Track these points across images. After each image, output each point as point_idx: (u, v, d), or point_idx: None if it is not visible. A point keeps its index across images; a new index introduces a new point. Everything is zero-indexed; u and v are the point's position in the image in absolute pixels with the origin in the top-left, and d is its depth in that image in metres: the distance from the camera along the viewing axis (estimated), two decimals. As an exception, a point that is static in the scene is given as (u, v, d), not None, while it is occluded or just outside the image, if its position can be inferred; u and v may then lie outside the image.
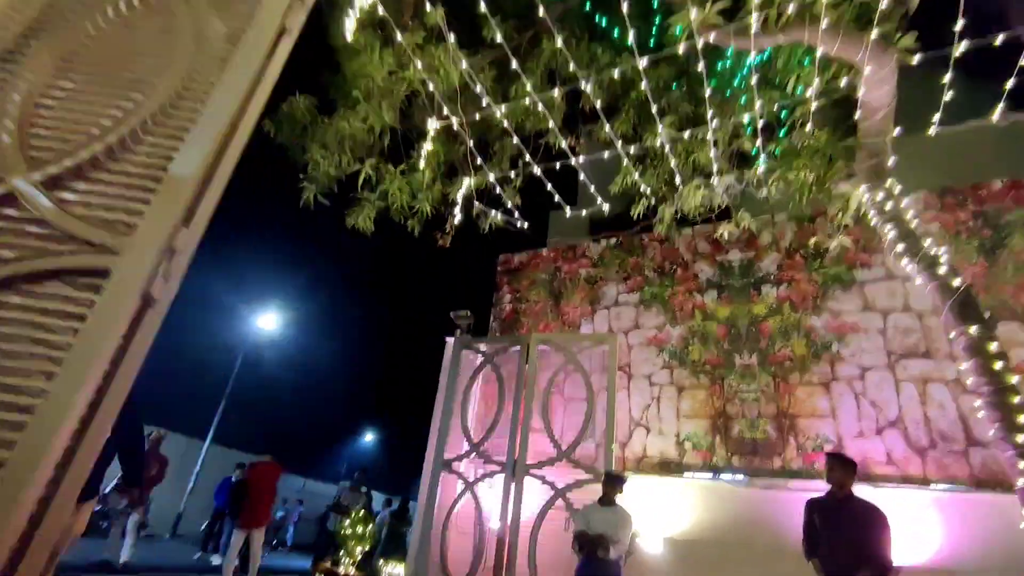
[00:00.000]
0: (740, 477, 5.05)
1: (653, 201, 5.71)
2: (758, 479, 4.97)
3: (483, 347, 6.51)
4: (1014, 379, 3.46)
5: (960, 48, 3.79)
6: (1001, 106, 4.33)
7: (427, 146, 4.77)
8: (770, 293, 5.67)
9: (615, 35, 5.68)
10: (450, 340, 6.95)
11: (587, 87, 4.48)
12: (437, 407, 6.74)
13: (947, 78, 3.90)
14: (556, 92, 4.81)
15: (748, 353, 5.50)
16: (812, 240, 5.63)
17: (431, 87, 4.46)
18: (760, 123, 4.70)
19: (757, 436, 5.15)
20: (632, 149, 5.19)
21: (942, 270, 3.78)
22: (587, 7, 5.75)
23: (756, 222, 5.71)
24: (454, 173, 6.23)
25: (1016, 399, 3.42)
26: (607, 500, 4.55)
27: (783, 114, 5.30)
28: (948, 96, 4.13)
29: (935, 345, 4.85)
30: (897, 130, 4.21)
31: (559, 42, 4.51)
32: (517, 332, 6.88)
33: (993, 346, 3.52)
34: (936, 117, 4.25)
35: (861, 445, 4.74)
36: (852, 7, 4.02)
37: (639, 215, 5.78)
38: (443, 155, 5.95)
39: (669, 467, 5.42)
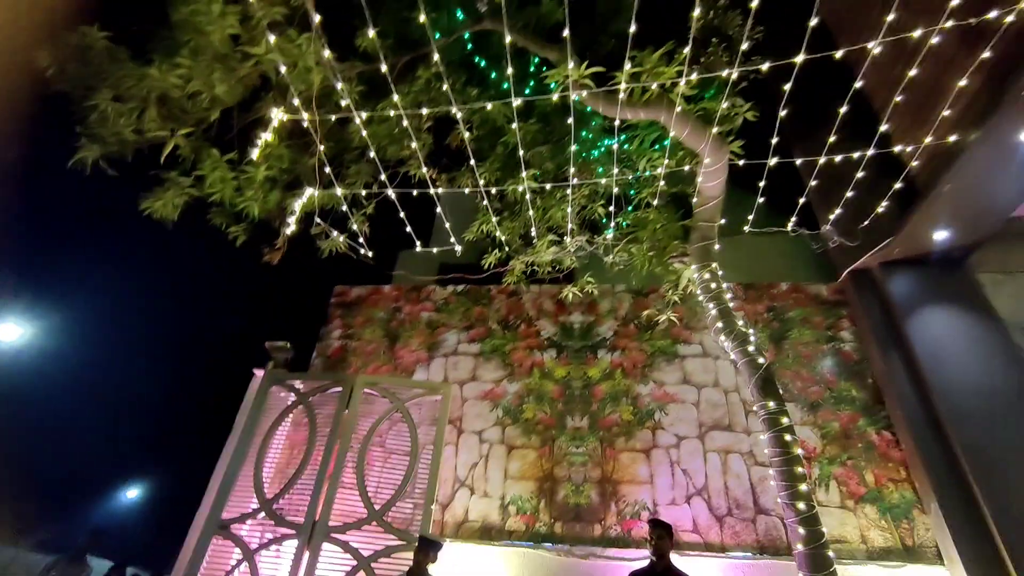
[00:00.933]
0: (561, 545, 4.82)
1: (506, 252, 5.64)
2: (578, 547, 4.79)
3: (298, 385, 5.58)
4: (799, 451, 3.83)
5: (771, 161, 4.46)
6: (793, 220, 5.17)
7: (266, 135, 4.08)
8: (605, 358, 5.84)
9: (491, 77, 5.73)
10: (259, 373, 5.87)
11: (459, 117, 4.27)
12: (226, 453, 5.51)
13: (760, 197, 4.53)
14: (424, 111, 4.54)
15: (580, 415, 5.49)
16: (645, 312, 6.02)
17: (283, 72, 3.87)
18: (614, 190, 4.96)
19: (581, 501, 5.03)
20: (493, 191, 5.11)
21: (751, 348, 4.17)
22: (469, 47, 5.76)
23: (599, 288, 5.94)
24: (298, 185, 5.53)
25: (800, 469, 3.77)
26: (418, 570, 3.94)
27: (631, 191, 5.73)
28: (762, 200, 4.82)
29: (736, 419, 5.33)
30: (723, 220, 4.75)
31: (439, 68, 4.33)
32: (343, 372, 6.08)
33: (785, 420, 3.88)
34: (752, 217, 4.91)
35: (673, 512, 4.88)
36: (695, 109, 4.54)
37: (490, 265, 5.65)
38: (288, 160, 5.25)
39: (491, 533, 5.00)
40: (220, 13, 3.50)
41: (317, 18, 3.46)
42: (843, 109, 4.25)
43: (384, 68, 3.70)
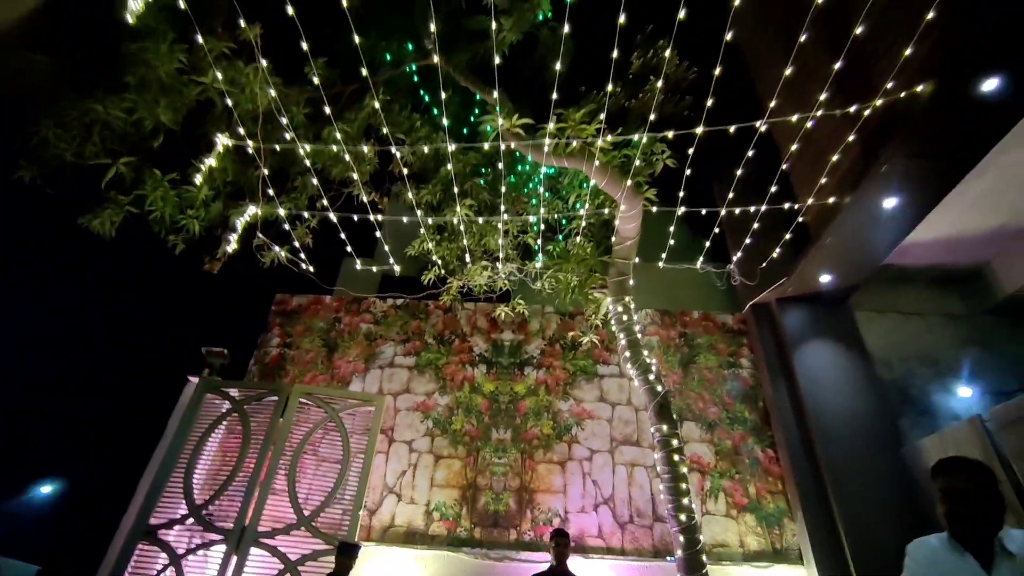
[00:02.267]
0: (479, 549, 5.24)
1: (443, 272, 5.99)
2: (494, 551, 5.23)
3: (233, 392, 5.73)
4: (684, 470, 4.41)
5: (679, 210, 5.03)
6: (701, 258, 5.79)
7: (209, 161, 4.25)
8: (531, 375, 6.30)
9: (435, 112, 6.04)
10: (193, 380, 5.96)
11: (397, 154, 4.58)
12: (155, 458, 5.59)
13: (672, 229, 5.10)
14: (366, 149, 4.82)
15: (504, 428, 5.93)
16: (570, 334, 6.53)
17: (229, 102, 4.06)
18: (542, 225, 5.41)
19: (500, 508, 5.47)
20: (432, 220, 5.45)
21: (651, 377, 4.72)
22: (415, 79, 6.04)
23: (529, 309, 6.39)
24: (241, 196, 5.66)
25: (684, 486, 4.35)
26: (339, 573, 4.26)
27: (563, 221, 6.20)
28: (673, 241, 5.41)
29: (644, 435, 5.91)
30: (637, 259, 5.29)
31: (383, 100, 4.63)
32: (279, 380, 6.26)
33: (675, 442, 4.45)
34: (667, 251, 5.49)
35: (581, 519, 5.39)
36: (618, 156, 5.04)
37: (429, 282, 5.98)
38: (231, 174, 5.38)
39: (414, 537, 5.35)
40: (168, 50, 3.66)
41: (264, 63, 3.68)
42: (750, 152, 4.81)
43: (327, 108, 3.96)
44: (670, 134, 4.38)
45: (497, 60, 3.69)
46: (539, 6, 5.18)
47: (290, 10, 3.06)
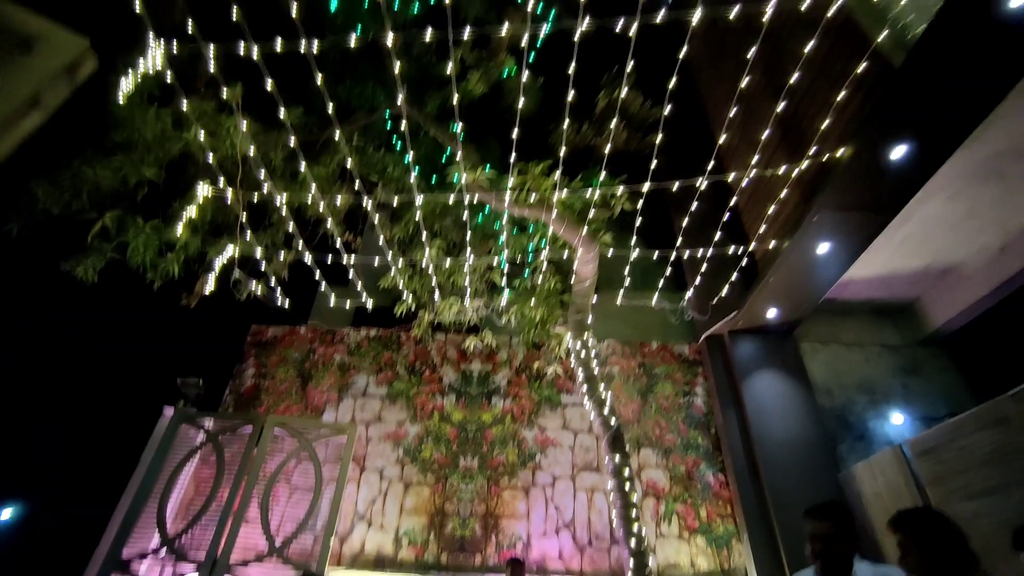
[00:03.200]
0: (446, 572, 5.50)
1: (415, 306, 6.29)
2: (460, 575, 5.48)
3: (208, 423, 5.92)
4: (635, 497, 4.76)
5: (633, 254, 5.45)
6: (656, 294, 6.21)
7: (191, 210, 4.53)
8: (498, 404, 6.61)
9: (406, 160, 6.39)
10: (168, 410, 6.12)
11: (368, 203, 4.90)
12: (130, 489, 5.72)
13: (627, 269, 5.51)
14: (339, 199, 5.13)
15: (471, 456, 6.22)
16: (536, 364, 6.87)
17: (211, 156, 4.36)
18: (506, 266, 5.77)
19: (466, 534, 5.73)
20: (401, 261, 5.78)
21: (606, 410, 5.08)
22: (388, 126, 6.39)
23: (497, 340, 6.72)
24: (219, 232, 5.90)
25: (634, 513, 4.70)
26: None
27: (529, 258, 6.57)
28: (629, 280, 5.82)
29: (603, 462, 6.25)
30: (595, 298, 5.68)
31: (357, 144, 4.96)
32: (255, 410, 6.45)
33: (626, 472, 4.80)
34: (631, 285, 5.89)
35: (543, 543, 5.69)
36: (578, 200, 5.44)
37: (401, 314, 6.27)
38: (210, 212, 5.63)
39: (383, 563, 5.58)
40: (155, 115, 3.95)
41: (244, 123, 4.00)
42: (703, 185, 5.24)
43: (302, 163, 4.28)
44: (621, 186, 4.79)
45: (459, 126, 4.06)
46: (504, 63, 5.59)
47: (268, 85, 3.38)
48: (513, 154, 4.32)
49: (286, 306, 6.03)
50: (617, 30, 3.58)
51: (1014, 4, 3.38)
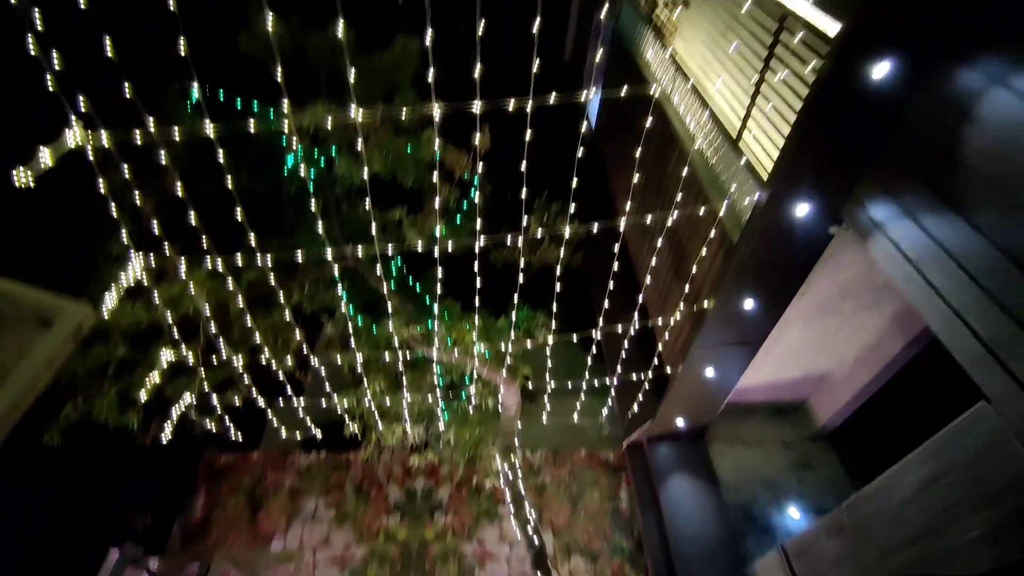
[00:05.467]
0: None
1: (361, 429, 6.88)
2: None
3: (153, 565, 6.16)
4: (558, 613, 5.32)
5: (550, 385, 6.32)
6: (576, 414, 7.04)
7: (154, 378, 5.13)
8: (440, 520, 7.11)
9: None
10: (114, 553, 6.32)
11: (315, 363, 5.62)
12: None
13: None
14: (289, 361, 5.84)
15: (415, 575, 6.62)
16: (475, 479, 7.47)
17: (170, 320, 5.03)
18: (442, 394, 6.52)
19: (409, 656, 6.05)
20: (346, 400, 6.45)
21: (530, 529, 5.72)
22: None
23: (439, 456, 7.33)
24: (177, 372, 6.43)
25: (558, 629, 5.24)
26: None
27: (466, 379, 7.34)
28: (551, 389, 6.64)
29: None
30: (519, 424, 6.46)
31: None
32: (204, 542, 6.71)
33: (549, 589, 5.39)
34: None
35: (482, 661, 6.06)
36: (502, 333, 6.31)
37: (350, 436, 6.84)
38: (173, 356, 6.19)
39: None
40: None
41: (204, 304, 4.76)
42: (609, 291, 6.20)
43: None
44: (545, 339, 5.70)
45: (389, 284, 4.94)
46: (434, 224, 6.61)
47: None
48: (436, 305, 5.22)
49: (239, 438, 6.51)
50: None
51: (800, 212, 4.62)
